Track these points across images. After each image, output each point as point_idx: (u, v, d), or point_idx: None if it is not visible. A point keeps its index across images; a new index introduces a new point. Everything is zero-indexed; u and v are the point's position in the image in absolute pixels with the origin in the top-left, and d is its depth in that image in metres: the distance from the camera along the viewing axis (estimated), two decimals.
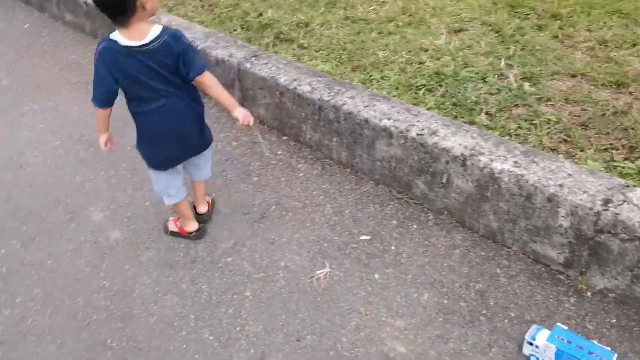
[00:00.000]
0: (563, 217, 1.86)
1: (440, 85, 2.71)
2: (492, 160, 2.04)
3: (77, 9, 4.29)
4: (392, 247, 2.15)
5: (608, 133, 2.25)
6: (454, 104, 2.58)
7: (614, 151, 2.16)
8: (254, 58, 2.99)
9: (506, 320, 1.83)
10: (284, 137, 2.87)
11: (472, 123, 2.42)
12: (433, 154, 2.19)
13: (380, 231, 2.23)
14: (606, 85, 2.51)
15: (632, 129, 2.22)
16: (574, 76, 2.62)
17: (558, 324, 1.72)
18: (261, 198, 2.47)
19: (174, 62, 1.84)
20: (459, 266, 2.04)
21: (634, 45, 2.75)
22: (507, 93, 2.58)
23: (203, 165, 2.22)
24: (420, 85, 2.74)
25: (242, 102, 3.08)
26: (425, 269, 2.05)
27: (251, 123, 1.96)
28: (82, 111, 3.25)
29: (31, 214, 2.50)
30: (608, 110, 2.35)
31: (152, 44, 1.80)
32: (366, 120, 2.40)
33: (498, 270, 2.01)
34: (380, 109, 2.41)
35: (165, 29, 1.83)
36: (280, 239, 2.25)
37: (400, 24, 3.32)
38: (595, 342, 1.66)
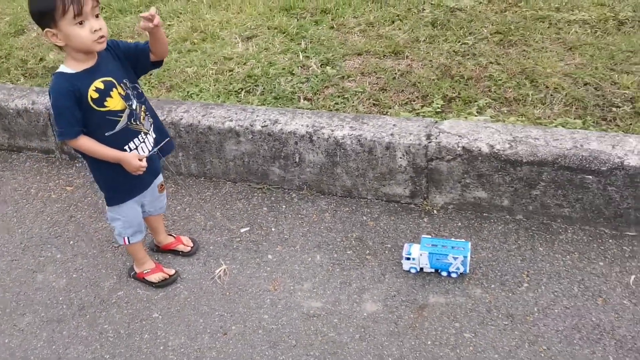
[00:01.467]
0: (401, 157, 2.29)
1: (257, 85, 2.98)
2: (332, 131, 2.38)
3: None
4: (273, 229, 2.35)
5: (403, 90, 2.78)
6: (275, 98, 2.87)
7: (412, 103, 2.69)
8: None
9: (386, 252, 2.19)
10: None
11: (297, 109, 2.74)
12: (281, 140, 2.45)
13: (256, 220, 2.41)
14: (387, 56, 3.07)
15: (419, 83, 2.78)
16: (359, 54, 3.13)
17: (422, 235, 2.13)
18: None
19: None
20: (333, 225, 2.34)
21: (393, 22, 3.38)
22: (315, 79, 2.96)
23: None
24: (239, 89, 2.98)
25: (61, 147, 2.94)
26: (308, 236, 2.30)
27: (141, 172, 1.88)
28: None
29: None
30: (396, 74, 2.89)
31: None
32: (209, 127, 2.55)
33: (364, 218, 2.36)
34: (219, 114, 2.58)
35: (54, 75, 1.77)
36: (164, 257, 2.28)
37: (196, 41, 3.50)
38: (453, 239, 2.11)
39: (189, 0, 4.02)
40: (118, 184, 1.95)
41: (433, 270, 2.05)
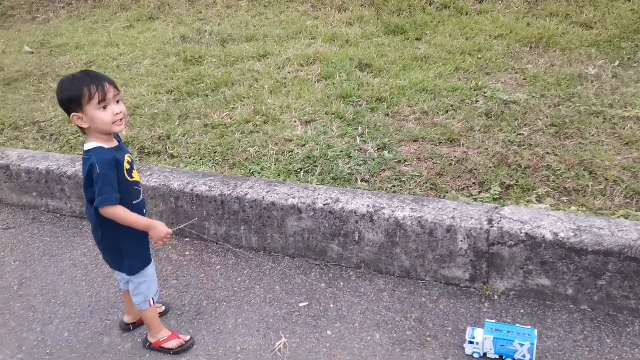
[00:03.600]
0: (461, 241, 2.33)
1: (315, 166, 3.12)
2: (393, 211, 2.45)
3: None
4: (331, 305, 2.38)
5: (459, 176, 2.86)
6: (333, 178, 2.99)
7: (469, 188, 2.76)
8: None
9: (447, 335, 2.18)
10: (186, 239, 2.95)
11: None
12: (342, 218, 2.53)
13: (314, 295, 2.45)
14: (442, 143, 3.18)
15: (475, 169, 2.87)
16: (415, 140, 3.26)
17: (487, 319, 2.13)
18: (189, 297, 2.50)
19: (88, 180, 1.97)
20: (392, 304, 2.36)
21: (447, 111, 3.53)
22: (371, 162, 3.09)
23: (131, 286, 2.19)
24: (298, 169, 3.11)
25: None
26: (366, 314, 2.32)
27: (166, 240, 2.06)
28: None
29: None
30: (452, 160, 2.99)
31: (83, 155, 1.98)
32: (272, 203, 2.66)
33: (423, 299, 2.37)
34: (282, 191, 2.70)
35: (91, 150, 1.94)
36: (225, 327, 2.32)
37: (257, 123, 3.72)
38: (518, 325, 2.08)
39: (251, 86, 4.30)
40: (141, 250, 2.14)
41: (497, 356, 2.03)
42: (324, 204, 2.57)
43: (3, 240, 3.04)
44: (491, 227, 2.27)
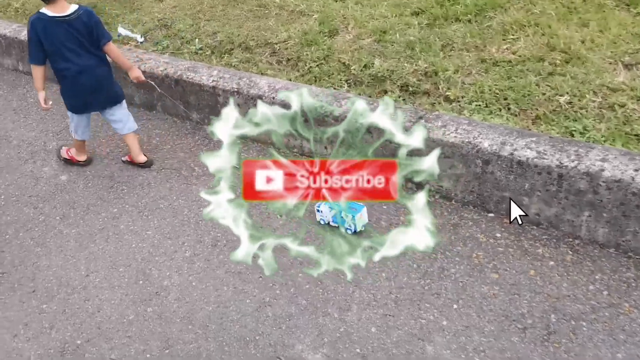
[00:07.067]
0: None
1: None
2: None
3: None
4: None
5: None
6: None
7: None
8: (420, 120, 2.44)
9: None
10: (489, 215, 2.30)
11: None
12: None
13: None
14: None
15: None
16: None
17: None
18: (526, 304, 1.88)
19: (88, 31, 2.54)
20: None
21: None
22: None
23: (123, 119, 2.79)
24: None
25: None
26: None
27: (141, 79, 2.80)
28: (199, 209, 2.57)
29: None
30: None
31: (72, 16, 2.50)
32: None
33: None
34: None
35: (80, 7, 2.55)
36: None
37: (557, 62, 2.86)
38: (356, 202, 2.20)
39: (529, 11, 3.39)
40: None
41: (336, 225, 2.21)
42: None
43: None
44: None
